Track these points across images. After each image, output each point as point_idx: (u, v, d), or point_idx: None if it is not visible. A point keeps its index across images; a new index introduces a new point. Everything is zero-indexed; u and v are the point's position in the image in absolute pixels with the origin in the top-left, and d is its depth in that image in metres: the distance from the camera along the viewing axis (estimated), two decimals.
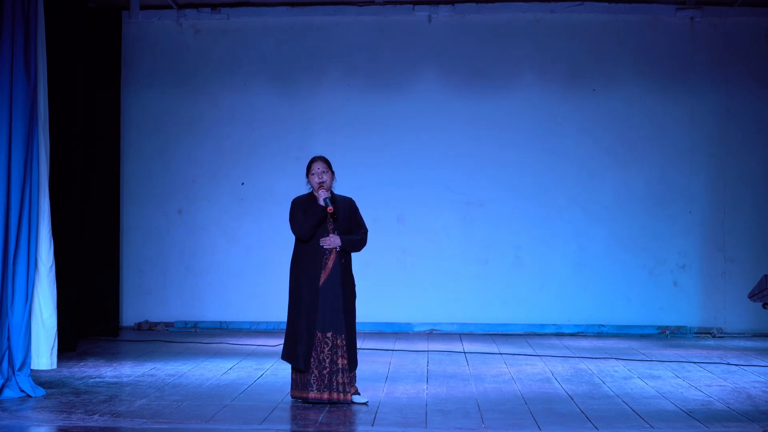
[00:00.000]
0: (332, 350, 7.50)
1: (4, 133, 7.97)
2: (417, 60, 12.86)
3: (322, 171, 7.69)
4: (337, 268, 7.60)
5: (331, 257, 7.60)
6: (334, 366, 7.50)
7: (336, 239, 7.60)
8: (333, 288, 7.56)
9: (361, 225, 7.81)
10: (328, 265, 7.59)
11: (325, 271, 7.58)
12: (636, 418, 7.27)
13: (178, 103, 12.93)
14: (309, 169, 7.73)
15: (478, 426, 7.01)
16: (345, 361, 7.53)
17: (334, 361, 7.50)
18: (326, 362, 7.48)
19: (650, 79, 12.76)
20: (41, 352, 8.26)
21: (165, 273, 12.87)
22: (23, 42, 8.15)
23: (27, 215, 8.09)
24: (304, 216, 7.61)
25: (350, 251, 7.71)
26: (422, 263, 12.78)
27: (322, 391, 7.49)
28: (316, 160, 7.76)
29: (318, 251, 7.60)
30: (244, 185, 12.88)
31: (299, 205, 7.72)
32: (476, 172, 12.78)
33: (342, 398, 7.52)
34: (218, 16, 12.88)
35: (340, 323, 7.54)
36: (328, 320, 7.53)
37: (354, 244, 7.71)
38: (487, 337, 12.16)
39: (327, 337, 7.52)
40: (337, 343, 7.52)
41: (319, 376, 7.49)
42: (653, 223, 12.70)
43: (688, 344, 11.71)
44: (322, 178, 7.67)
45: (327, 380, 7.48)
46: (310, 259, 7.59)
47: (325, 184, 7.67)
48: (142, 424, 6.87)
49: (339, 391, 7.52)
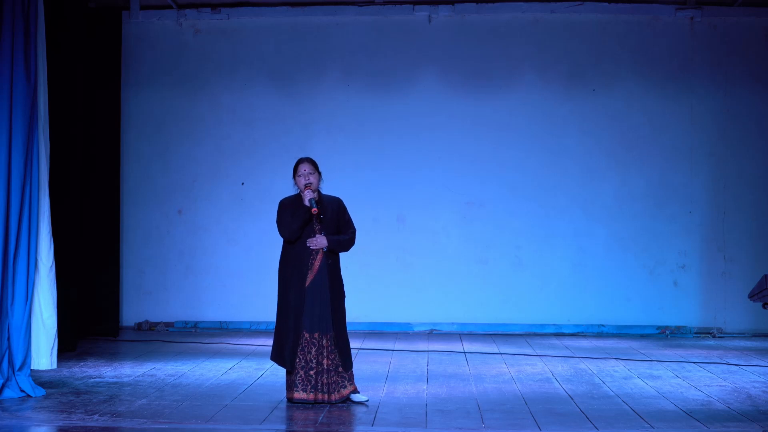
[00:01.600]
0: (318, 351, 7.51)
1: (4, 133, 7.98)
2: (417, 60, 12.85)
3: (308, 172, 7.67)
4: (323, 268, 7.59)
5: (318, 258, 7.60)
6: (320, 366, 7.51)
7: (322, 240, 7.59)
8: (320, 288, 7.56)
9: (350, 225, 7.79)
10: (314, 265, 7.58)
11: (311, 271, 7.57)
12: (636, 418, 7.27)
13: (178, 103, 12.93)
14: (295, 171, 7.71)
15: (478, 426, 7.01)
16: (330, 361, 7.53)
17: (320, 362, 7.51)
18: (313, 363, 7.49)
19: (650, 79, 12.76)
20: (41, 352, 8.27)
21: (165, 273, 12.87)
22: (23, 42, 8.15)
23: (27, 215, 8.09)
24: (291, 217, 7.60)
25: (338, 251, 7.70)
26: (422, 263, 12.78)
27: (308, 392, 7.50)
28: (302, 161, 7.74)
29: (304, 252, 7.59)
30: (244, 185, 12.88)
31: (286, 206, 7.71)
32: (476, 172, 12.78)
33: (326, 399, 7.52)
34: (218, 16, 12.88)
35: (327, 323, 7.54)
36: (316, 321, 7.52)
37: (341, 244, 7.69)
38: (487, 337, 12.16)
39: (314, 337, 7.52)
40: (323, 343, 7.53)
41: (305, 377, 7.50)
42: (653, 223, 12.70)
43: (688, 344, 11.71)
44: (309, 179, 7.65)
45: (313, 381, 7.49)
46: (296, 259, 7.59)
47: (312, 185, 7.65)
48: (142, 424, 6.87)
49: (323, 391, 7.52)
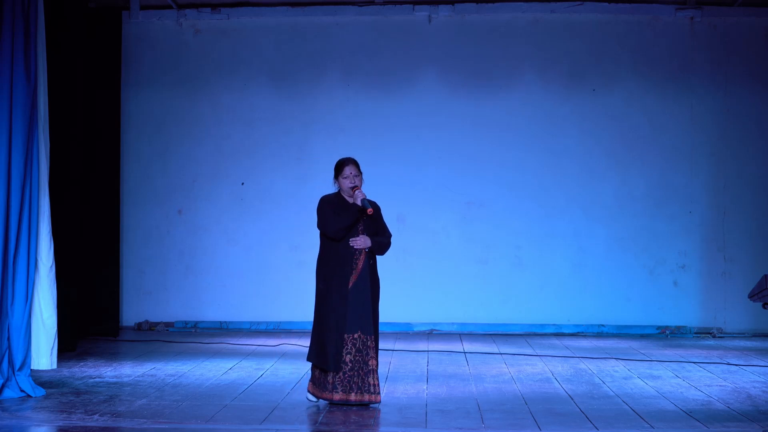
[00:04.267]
0: (362, 351, 7.46)
1: (4, 133, 7.98)
2: (417, 60, 12.85)
3: (354, 174, 7.63)
4: (366, 268, 7.58)
5: (361, 258, 7.58)
6: (366, 367, 7.45)
7: (366, 240, 7.57)
8: (362, 289, 7.54)
9: (386, 229, 7.78)
10: (358, 265, 7.57)
11: (355, 271, 7.55)
12: (636, 418, 7.27)
13: (178, 103, 12.93)
14: (340, 172, 7.65)
15: (478, 426, 7.01)
16: (375, 361, 7.50)
17: (366, 362, 7.46)
18: (355, 363, 7.43)
19: (650, 79, 12.76)
20: (41, 352, 8.27)
21: (165, 273, 12.87)
22: (23, 42, 8.15)
23: (27, 215, 8.09)
24: (336, 216, 7.56)
25: (377, 253, 7.70)
26: (422, 263, 12.77)
27: (349, 393, 7.43)
28: (347, 162, 7.67)
29: (348, 252, 7.55)
30: (244, 185, 12.88)
31: (328, 203, 7.64)
32: (476, 172, 12.78)
33: (374, 399, 7.47)
34: (218, 16, 12.88)
35: (368, 324, 7.51)
36: (357, 321, 7.48)
37: (381, 246, 7.70)
38: (487, 337, 12.16)
39: (355, 337, 7.48)
40: (368, 344, 7.49)
41: (344, 378, 7.43)
42: (653, 223, 12.70)
43: (688, 344, 11.71)
44: (355, 182, 7.62)
45: (358, 381, 7.42)
46: (339, 260, 7.54)
47: (359, 187, 7.62)
48: (142, 424, 6.87)
49: (372, 392, 7.47)
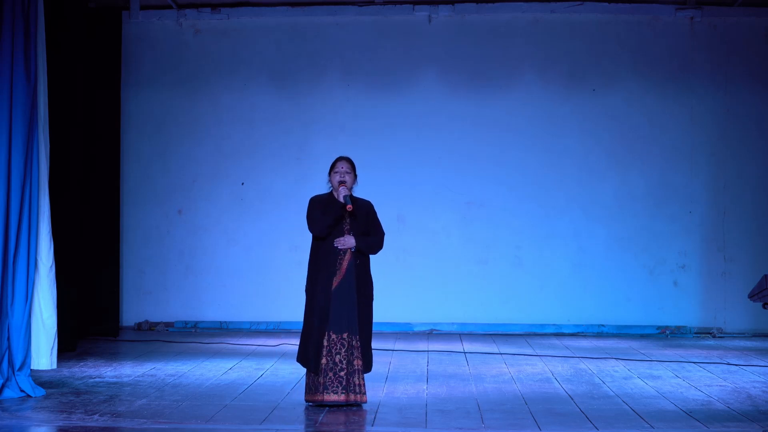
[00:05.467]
0: (348, 351, 7.44)
1: (4, 133, 7.97)
2: (417, 60, 12.85)
3: (345, 171, 7.61)
4: (351, 269, 7.52)
5: (346, 258, 7.54)
6: (351, 367, 7.44)
7: (350, 240, 7.53)
8: (347, 289, 7.49)
9: (379, 229, 7.73)
10: (342, 266, 7.52)
11: (339, 272, 7.52)
12: (636, 418, 7.26)
13: (178, 103, 12.93)
14: (332, 168, 7.66)
15: (478, 426, 7.01)
16: (361, 362, 7.48)
17: (351, 363, 7.44)
18: (343, 364, 7.42)
19: (650, 79, 12.76)
20: (41, 352, 8.26)
21: (165, 273, 12.87)
22: (23, 42, 8.15)
23: (27, 215, 8.08)
24: (322, 214, 7.55)
25: (366, 252, 7.64)
26: (422, 263, 12.77)
27: (339, 393, 7.41)
28: (340, 159, 7.68)
29: (333, 252, 7.52)
30: (244, 185, 12.88)
31: (318, 203, 7.64)
32: (476, 172, 12.78)
33: (359, 399, 7.46)
34: (218, 16, 12.88)
35: (354, 324, 7.47)
36: (344, 321, 7.45)
37: (369, 246, 7.63)
38: (487, 337, 12.15)
39: (343, 338, 7.45)
40: (353, 344, 7.46)
41: (334, 378, 7.42)
42: (653, 223, 12.70)
43: (688, 344, 11.71)
44: (344, 178, 7.60)
45: (345, 382, 7.41)
46: (325, 260, 7.52)
47: (346, 183, 7.60)
48: (142, 424, 6.87)
49: (356, 392, 7.46)
